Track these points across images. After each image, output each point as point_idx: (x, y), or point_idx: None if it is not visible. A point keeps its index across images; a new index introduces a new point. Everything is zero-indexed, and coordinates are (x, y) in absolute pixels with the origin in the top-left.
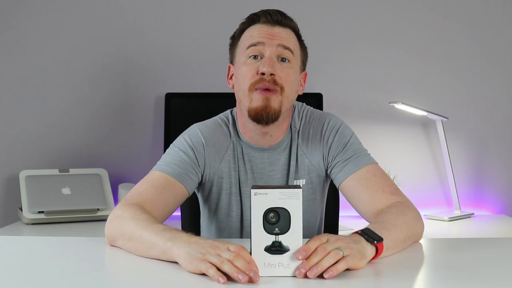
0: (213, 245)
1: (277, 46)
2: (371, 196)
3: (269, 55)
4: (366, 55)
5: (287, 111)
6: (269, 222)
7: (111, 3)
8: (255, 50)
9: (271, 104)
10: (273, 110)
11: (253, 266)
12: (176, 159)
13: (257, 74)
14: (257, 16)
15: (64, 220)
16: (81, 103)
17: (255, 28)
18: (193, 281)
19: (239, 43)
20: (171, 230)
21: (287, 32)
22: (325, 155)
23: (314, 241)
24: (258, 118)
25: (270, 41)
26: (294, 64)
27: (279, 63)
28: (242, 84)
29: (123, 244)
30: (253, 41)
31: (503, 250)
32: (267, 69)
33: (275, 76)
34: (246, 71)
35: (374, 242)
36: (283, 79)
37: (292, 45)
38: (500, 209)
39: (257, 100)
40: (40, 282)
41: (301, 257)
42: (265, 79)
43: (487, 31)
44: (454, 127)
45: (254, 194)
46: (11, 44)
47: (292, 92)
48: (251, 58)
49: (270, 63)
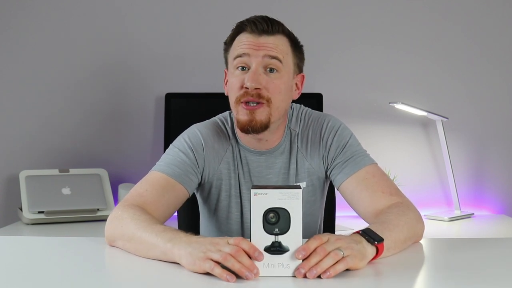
0: (212, 242)
1: (263, 57)
2: (370, 197)
3: (255, 68)
4: (366, 55)
5: (281, 118)
6: (269, 222)
7: (111, 3)
8: (241, 61)
9: (256, 117)
10: (259, 123)
11: (255, 252)
12: (176, 160)
13: (242, 87)
14: (244, 24)
15: (64, 220)
16: (81, 103)
17: (242, 38)
18: (193, 281)
19: (230, 50)
20: (171, 231)
21: (275, 40)
22: (325, 156)
23: (314, 240)
24: (245, 131)
25: (256, 52)
26: (283, 73)
27: (267, 74)
28: (230, 95)
29: (123, 245)
30: (239, 52)
31: (503, 250)
32: (250, 84)
33: (260, 90)
34: (233, 83)
35: (374, 243)
36: (270, 91)
37: (280, 53)
38: (500, 209)
39: (242, 114)
40: (40, 282)
41: (301, 257)
42: (249, 93)
43: (487, 31)
44: (454, 127)
45: (254, 194)
46: (11, 44)
47: (282, 101)
48: (238, 70)
49: (254, 77)
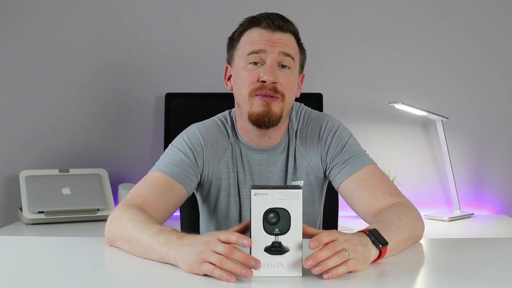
0: (204, 242)
1: (279, 53)
2: (370, 197)
3: (271, 63)
4: (366, 55)
5: (287, 115)
6: (269, 222)
7: (112, 3)
8: (256, 57)
9: (272, 109)
10: (274, 115)
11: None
12: (175, 160)
13: (258, 81)
14: (258, 19)
15: (64, 220)
16: (81, 103)
17: (255, 33)
18: (193, 281)
19: (239, 46)
20: (165, 233)
21: (288, 38)
22: (323, 156)
23: (327, 235)
24: (259, 123)
25: (272, 48)
26: (294, 70)
27: (280, 70)
28: (242, 89)
29: (122, 246)
30: (254, 48)
31: (503, 250)
32: (268, 78)
33: (276, 84)
34: (246, 76)
35: (379, 246)
36: (284, 86)
37: (292, 51)
38: (500, 209)
39: (258, 106)
40: (40, 282)
41: (314, 246)
42: (266, 87)
43: (487, 31)
44: (454, 127)
45: (254, 194)
46: (11, 44)
47: (292, 97)
48: (251, 64)
49: (271, 71)
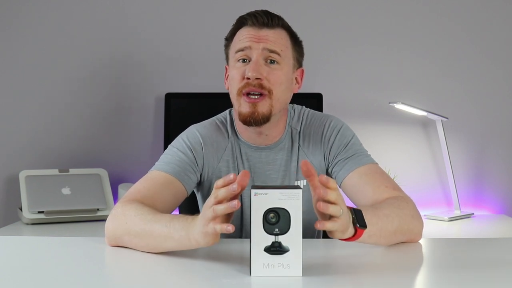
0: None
1: (263, 49)
2: (373, 190)
3: (255, 59)
4: (366, 55)
5: (282, 111)
6: (269, 222)
7: (111, 3)
8: (243, 54)
9: (258, 109)
10: (261, 115)
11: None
12: (175, 159)
13: (244, 78)
14: (245, 18)
15: (64, 220)
16: (81, 103)
17: (243, 31)
18: (193, 281)
19: (231, 45)
20: (177, 219)
21: (275, 33)
22: (326, 154)
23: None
24: (247, 123)
25: (256, 44)
26: (283, 65)
27: (267, 65)
28: (232, 88)
29: (130, 241)
30: (240, 45)
31: (503, 250)
32: (252, 74)
33: (261, 80)
34: (234, 74)
35: (356, 225)
36: (271, 82)
37: (279, 47)
38: (500, 209)
39: (244, 106)
40: (40, 282)
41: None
42: (251, 84)
43: (487, 31)
44: (454, 127)
45: (254, 194)
46: (11, 44)
47: (283, 93)
48: (239, 62)
49: (254, 68)
